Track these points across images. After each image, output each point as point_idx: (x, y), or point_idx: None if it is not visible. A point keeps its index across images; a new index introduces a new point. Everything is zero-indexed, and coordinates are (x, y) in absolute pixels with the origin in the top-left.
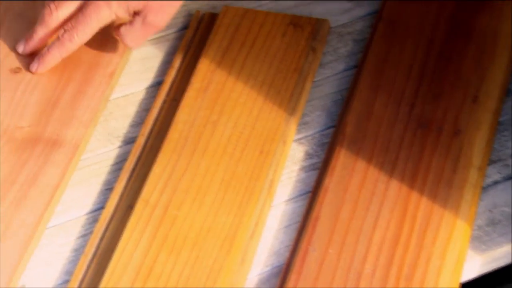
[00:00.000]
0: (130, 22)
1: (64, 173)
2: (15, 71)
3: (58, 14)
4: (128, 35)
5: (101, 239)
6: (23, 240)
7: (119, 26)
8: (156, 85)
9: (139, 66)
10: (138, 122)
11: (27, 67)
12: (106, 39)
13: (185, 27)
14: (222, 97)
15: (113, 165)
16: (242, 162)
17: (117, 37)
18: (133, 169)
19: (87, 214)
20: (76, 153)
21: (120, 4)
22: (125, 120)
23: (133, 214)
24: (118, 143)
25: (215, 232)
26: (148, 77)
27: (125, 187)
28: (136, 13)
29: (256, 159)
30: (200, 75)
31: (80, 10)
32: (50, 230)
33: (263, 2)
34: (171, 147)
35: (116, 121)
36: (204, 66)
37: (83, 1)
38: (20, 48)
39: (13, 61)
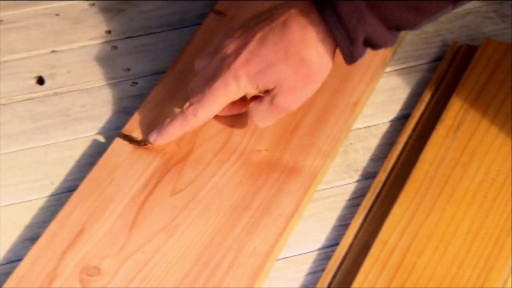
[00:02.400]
0: (260, 99)
1: (299, 204)
2: None
3: (203, 117)
4: (255, 112)
5: (333, 278)
6: (253, 270)
7: (251, 100)
8: (402, 118)
9: (385, 96)
10: (380, 156)
11: None
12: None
13: (438, 58)
14: (474, 139)
15: (349, 200)
16: (493, 213)
17: (247, 111)
18: (371, 207)
19: (319, 249)
20: (313, 184)
21: (249, 80)
22: (365, 153)
23: (369, 256)
24: (356, 177)
25: (457, 287)
26: (394, 109)
27: (361, 225)
28: (266, 91)
29: (509, 210)
30: (452, 112)
31: (207, 83)
32: (280, 263)
33: None
34: (414, 187)
35: (356, 153)
36: (457, 103)
37: (211, 75)
38: (152, 137)
39: None
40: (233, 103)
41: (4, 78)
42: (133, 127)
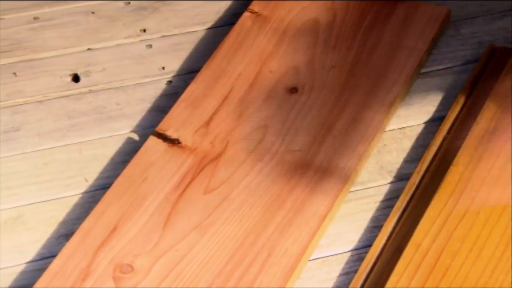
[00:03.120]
0: None
1: (332, 204)
2: (292, 91)
3: None
4: None
5: (365, 279)
6: (285, 270)
7: None
8: (437, 120)
9: (419, 97)
10: (414, 158)
11: (304, 88)
12: (389, 63)
13: (474, 60)
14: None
15: (382, 201)
16: None
17: None
18: (405, 209)
19: (352, 251)
20: (346, 185)
21: None
22: (399, 154)
23: (402, 258)
24: (390, 178)
25: None
26: (428, 111)
27: (394, 227)
28: None
29: None
30: (487, 115)
31: None
32: (312, 263)
33: None
34: (448, 190)
35: (390, 154)
36: (492, 105)
37: None
38: None
39: (290, 80)
40: None
41: (39, 75)
42: (167, 125)
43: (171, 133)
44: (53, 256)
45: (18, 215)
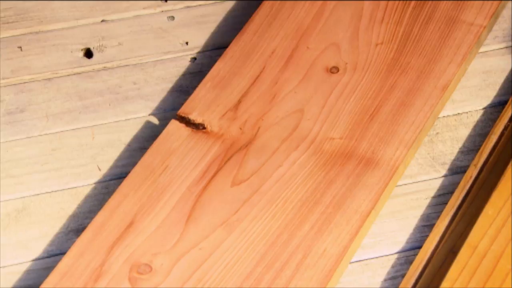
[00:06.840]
0: None
1: (377, 200)
2: (332, 71)
3: None
4: None
5: (413, 286)
6: (323, 274)
7: None
8: (498, 105)
9: (478, 80)
10: (471, 148)
11: (346, 67)
12: (443, 41)
13: None
14: None
15: (434, 197)
16: None
17: None
18: (460, 206)
19: (399, 252)
20: (393, 178)
21: None
22: (454, 144)
23: (455, 262)
24: (443, 171)
25: None
26: (488, 95)
27: (448, 226)
28: None
29: None
30: None
31: None
32: (353, 266)
33: None
34: (510, 185)
35: (443, 144)
36: None
37: None
38: None
39: (331, 59)
40: None
41: (48, 50)
42: (191, 108)
43: (195, 117)
44: (62, 253)
45: (23, 207)
